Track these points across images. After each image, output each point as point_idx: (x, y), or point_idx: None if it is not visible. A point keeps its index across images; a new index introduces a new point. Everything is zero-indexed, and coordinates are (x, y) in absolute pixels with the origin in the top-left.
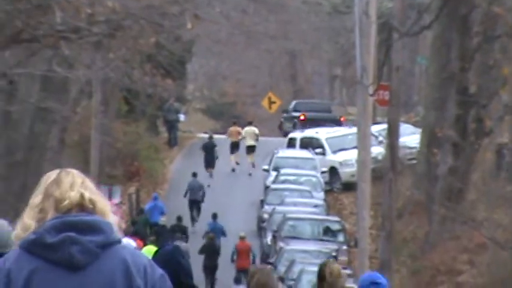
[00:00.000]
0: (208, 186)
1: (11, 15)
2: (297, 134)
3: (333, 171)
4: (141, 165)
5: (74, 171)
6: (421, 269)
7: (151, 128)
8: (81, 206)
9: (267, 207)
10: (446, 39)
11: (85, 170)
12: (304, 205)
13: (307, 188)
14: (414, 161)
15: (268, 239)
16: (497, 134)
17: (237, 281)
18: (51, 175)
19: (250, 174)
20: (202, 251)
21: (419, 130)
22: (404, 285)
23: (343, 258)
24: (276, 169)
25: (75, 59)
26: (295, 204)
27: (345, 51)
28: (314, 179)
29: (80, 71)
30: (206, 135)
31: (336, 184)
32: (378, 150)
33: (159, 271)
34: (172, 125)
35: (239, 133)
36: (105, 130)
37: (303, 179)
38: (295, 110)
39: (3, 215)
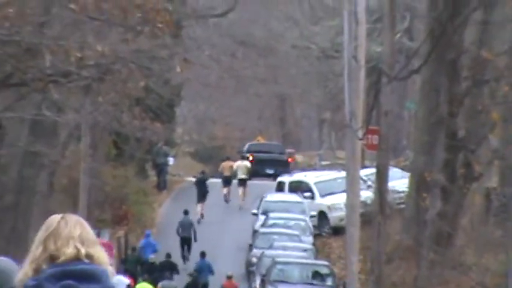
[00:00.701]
0: (199, 222)
1: (0, 59)
2: (286, 178)
3: (321, 215)
4: (129, 209)
5: (73, 220)
6: None
7: (140, 172)
8: (78, 259)
9: (255, 251)
10: (435, 83)
11: (74, 213)
12: (293, 249)
13: (296, 232)
14: (403, 205)
15: (257, 283)
16: (486, 178)
17: None
18: (52, 224)
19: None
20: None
21: (408, 174)
22: None
23: None
24: (265, 213)
25: (64, 103)
26: (284, 248)
27: (333, 96)
28: (303, 223)
29: (69, 115)
30: (196, 177)
31: (325, 228)
32: (366, 195)
33: None
34: (161, 169)
35: (231, 167)
36: (94, 174)
37: (291, 223)
38: (248, 152)
39: None
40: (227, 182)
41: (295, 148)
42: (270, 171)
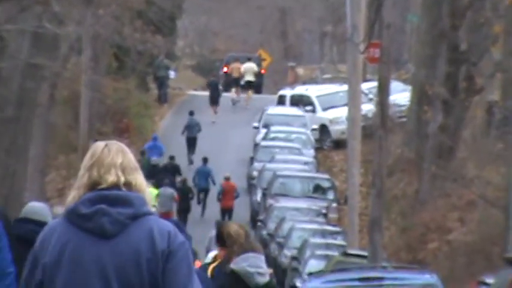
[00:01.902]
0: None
1: None
2: (287, 92)
3: (323, 128)
4: (131, 122)
5: (115, 148)
6: (411, 226)
7: (141, 85)
8: (117, 186)
9: (256, 165)
10: None
11: (74, 126)
12: (294, 162)
13: (297, 145)
14: (404, 119)
15: (258, 196)
16: (488, 91)
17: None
18: (96, 152)
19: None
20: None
21: (410, 88)
22: (394, 243)
23: (333, 215)
24: (266, 126)
25: (65, 16)
26: (285, 161)
27: (335, 9)
28: (304, 137)
29: (70, 27)
30: (208, 80)
31: (326, 142)
32: (368, 108)
33: (181, 238)
34: (162, 82)
35: (239, 69)
36: (95, 87)
37: (293, 136)
38: (226, 62)
39: None
40: (236, 83)
41: (297, 61)
42: (242, 83)
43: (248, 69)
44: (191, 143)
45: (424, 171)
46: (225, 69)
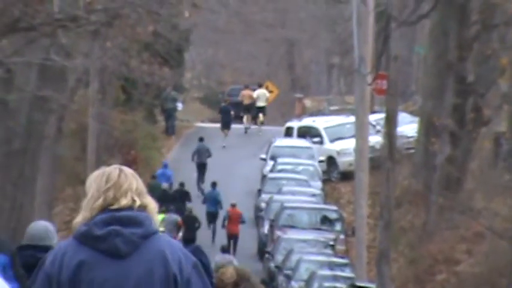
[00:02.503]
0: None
1: (9, 3)
2: (295, 123)
3: (330, 160)
4: (138, 154)
5: (130, 173)
6: (419, 258)
7: (148, 117)
8: (130, 208)
9: (264, 196)
10: (444, 28)
11: (82, 158)
12: (301, 194)
13: (304, 177)
14: (412, 150)
15: (266, 228)
16: (495, 123)
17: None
18: (113, 177)
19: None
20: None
21: (417, 119)
22: (402, 275)
23: (340, 247)
24: (273, 158)
25: (72, 48)
26: (292, 193)
27: (342, 40)
28: (311, 168)
29: (77, 59)
30: (221, 106)
31: (334, 173)
32: (375, 140)
33: (192, 260)
34: (169, 114)
35: (251, 96)
36: (102, 119)
37: (300, 168)
38: (228, 95)
39: (0, 203)
40: (248, 110)
41: (304, 93)
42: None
43: (261, 95)
44: (201, 169)
45: (432, 203)
46: (226, 100)
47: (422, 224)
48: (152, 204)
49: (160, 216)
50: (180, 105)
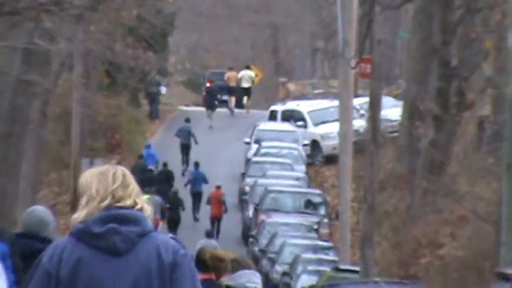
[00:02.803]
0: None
1: None
2: (279, 107)
3: (314, 144)
4: (122, 138)
5: (129, 174)
6: (402, 241)
7: (132, 101)
8: (127, 207)
9: (248, 180)
10: (428, 12)
11: (66, 142)
12: (285, 178)
13: (288, 160)
14: (396, 134)
15: (250, 212)
16: (479, 106)
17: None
18: (119, 177)
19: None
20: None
21: (401, 103)
22: (386, 258)
23: (324, 231)
24: (258, 142)
25: (56, 32)
26: (276, 177)
27: (327, 25)
28: (296, 152)
29: (61, 43)
30: (206, 87)
31: (318, 157)
32: (359, 123)
33: (183, 251)
34: (153, 98)
35: (236, 78)
36: (86, 103)
37: (284, 151)
38: (209, 79)
39: None
40: (232, 92)
41: (288, 77)
42: (225, 98)
43: (245, 76)
44: (185, 150)
45: (416, 187)
46: (208, 85)
47: (406, 208)
48: (147, 206)
49: (145, 197)
50: (164, 89)
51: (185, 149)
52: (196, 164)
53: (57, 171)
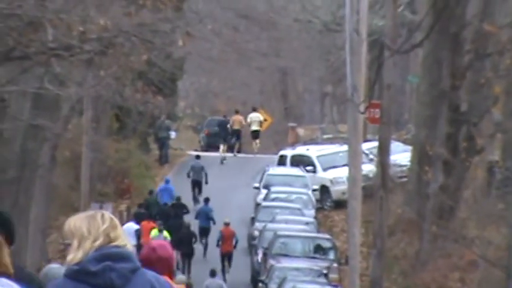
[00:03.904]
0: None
1: (2, 33)
2: (288, 152)
3: (323, 189)
4: (131, 183)
5: (108, 216)
6: (412, 286)
7: (142, 145)
8: (116, 246)
9: (257, 225)
10: (438, 57)
11: (76, 187)
12: (295, 223)
13: (298, 205)
14: (405, 179)
15: (259, 256)
16: (488, 151)
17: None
18: (107, 219)
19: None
20: (179, 238)
21: (410, 148)
22: None
23: (333, 275)
24: (267, 187)
25: (66, 77)
26: (286, 221)
27: (335, 69)
28: (305, 197)
29: (71, 88)
30: (219, 120)
31: (327, 202)
32: (368, 168)
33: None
34: (163, 143)
35: (241, 121)
36: (96, 147)
37: (293, 196)
38: (207, 126)
39: None
40: (237, 135)
41: (297, 122)
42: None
43: (254, 119)
44: (196, 186)
45: (425, 231)
46: (206, 132)
47: (415, 253)
48: (129, 243)
49: (167, 235)
50: (173, 134)
51: (196, 185)
52: (206, 200)
53: (67, 215)
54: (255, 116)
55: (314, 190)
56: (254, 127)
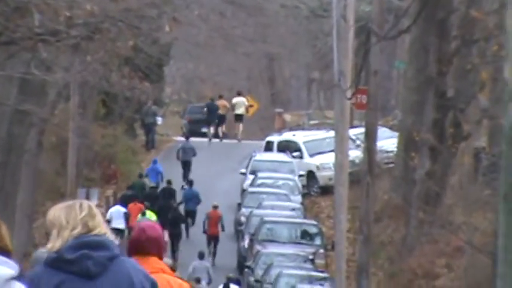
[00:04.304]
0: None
1: None
2: (275, 138)
3: (310, 174)
4: (118, 168)
5: (87, 205)
6: (398, 272)
7: (128, 131)
8: (95, 234)
9: (244, 210)
10: (424, 43)
11: (63, 172)
12: (281, 208)
13: (284, 191)
14: (392, 165)
15: (246, 242)
16: (475, 138)
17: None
18: (85, 208)
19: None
20: (167, 220)
21: (397, 134)
22: None
23: (320, 261)
24: (253, 172)
25: (53, 62)
26: (272, 207)
27: (322, 55)
28: (291, 183)
29: (57, 74)
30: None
31: (314, 187)
32: (355, 154)
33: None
34: (149, 128)
35: (225, 106)
36: (82, 133)
37: (280, 182)
38: (189, 113)
39: None
40: (221, 120)
41: (284, 108)
42: (204, 130)
43: (239, 103)
44: (186, 166)
45: (412, 217)
46: (188, 119)
47: (401, 238)
48: (109, 231)
49: (154, 216)
50: (160, 120)
51: (186, 166)
52: (190, 183)
53: (53, 201)
54: (240, 100)
55: (300, 176)
56: (238, 111)
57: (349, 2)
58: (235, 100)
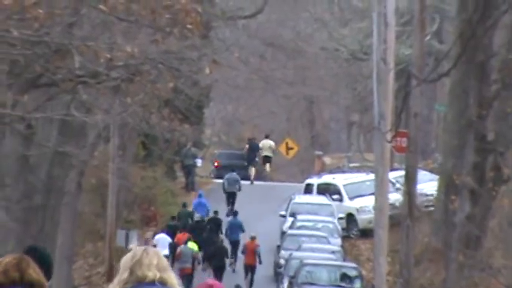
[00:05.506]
0: (252, 183)
1: (30, 60)
2: (314, 180)
3: (350, 217)
4: (158, 210)
5: (152, 251)
6: None
7: (168, 173)
8: (154, 281)
9: (283, 253)
10: (465, 86)
11: (102, 214)
12: (321, 251)
13: (324, 234)
14: (432, 208)
15: (285, 284)
16: None
17: None
18: (137, 254)
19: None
20: (212, 252)
21: (437, 177)
22: None
23: None
24: (293, 215)
25: (93, 104)
26: (312, 250)
27: (362, 98)
28: (331, 225)
29: (97, 115)
30: (248, 143)
31: (353, 230)
32: (395, 197)
33: None
34: (189, 170)
35: (271, 147)
36: (122, 174)
37: (320, 225)
38: (218, 158)
39: None
40: (268, 160)
41: (324, 150)
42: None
43: (265, 145)
44: (231, 197)
45: (451, 261)
46: (216, 164)
47: (441, 282)
48: (173, 278)
49: (195, 246)
50: (199, 162)
51: (231, 197)
52: (235, 213)
53: (93, 242)
54: (267, 143)
55: (340, 218)
56: (266, 153)
57: (389, 45)
58: (262, 143)
